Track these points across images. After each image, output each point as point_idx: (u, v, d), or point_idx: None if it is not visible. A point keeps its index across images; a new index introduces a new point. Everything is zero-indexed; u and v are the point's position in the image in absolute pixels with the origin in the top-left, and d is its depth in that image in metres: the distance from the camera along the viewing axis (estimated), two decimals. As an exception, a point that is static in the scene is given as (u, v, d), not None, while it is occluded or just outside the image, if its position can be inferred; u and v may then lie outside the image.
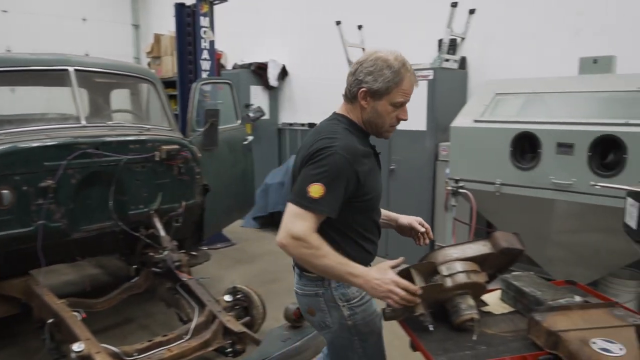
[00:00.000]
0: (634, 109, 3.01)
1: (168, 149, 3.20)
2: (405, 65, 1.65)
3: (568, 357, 1.33)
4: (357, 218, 1.72)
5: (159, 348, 2.52)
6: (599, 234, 3.21)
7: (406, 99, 1.68)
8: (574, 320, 1.44)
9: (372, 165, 1.73)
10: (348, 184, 1.60)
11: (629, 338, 1.37)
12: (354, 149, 1.62)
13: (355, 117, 1.73)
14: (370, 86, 1.64)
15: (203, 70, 5.04)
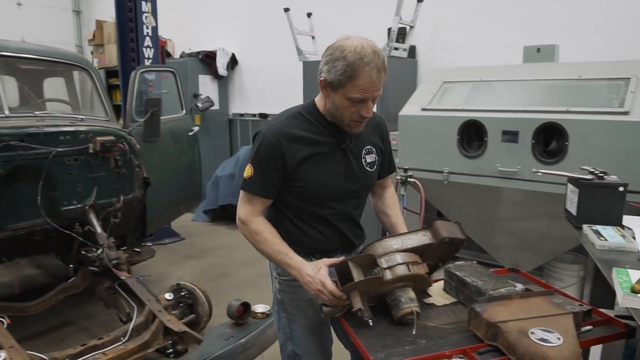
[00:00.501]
0: (575, 96, 3.06)
1: (103, 141, 3.01)
2: (364, 58, 1.47)
3: (507, 349, 1.30)
4: (296, 203, 1.69)
5: (93, 352, 2.36)
6: (543, 220, 3.26)
7: (364, 96, 1.52)
8: (513, 310, 1.41)
9: (317, 154, 1.63)
10: (276, 166, 1.60)
11: (566, 326, 1.35)
12: (283, 133, 1.60)
13: (323, 105, 1.65)
14: (325, 77, 1.54)
15: (146, 58, 4.81)
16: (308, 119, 1.66)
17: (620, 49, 3.78)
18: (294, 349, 1.81)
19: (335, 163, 1.67)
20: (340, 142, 1.68)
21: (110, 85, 7.14)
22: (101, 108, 3.52)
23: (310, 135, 1.63)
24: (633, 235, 1.87)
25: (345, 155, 1.69)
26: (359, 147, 1.73)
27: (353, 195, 1.75)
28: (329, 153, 1.66)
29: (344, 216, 1.75)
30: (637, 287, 1.34)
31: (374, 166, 1.78)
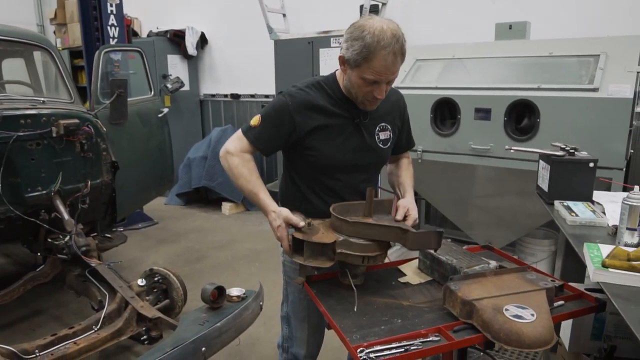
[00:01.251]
0: (546, 73, 3.08)
1: (67, 124, 2.88)
2: (381, 42, 1.47)
3: (482, 326, 1.30)
4: (306, 171, 1.74)
5: (64, 342, 2.29)
6: (515, 197, 3.31)
7: (378, 78, 1.54)
8: (487, 287, 1.42)
9: (330, 125, 1.67)
10: (282, 127, 1.64)
11: (540, 302, 1.37)
12: (301, 99, 1.65)
13: (341, 79, 1.69)
14: (344, 54, 1.57)
15: (111, 38, 4.63)
16: (326, 91, 1.69)
17: (590, 26, 3.82)
18: (287, 310, 1.90)
19: (348, 136, 1.70)
20: (355, 116, 1.70)
21: (75, 67, 6.88)
22: (65, 90, 3.38)
23: (327, 106, 1.67)
24: (603, 211, 1.90)
25: (358, 129, 1.71)
26: (373, 123, 1.75)
27: (363, 169, 1.77)
28: (342, 126, 1.69)
29: (352, 189, 1.76)
30: (608, 261, 1.35)
31: (387, 143, 1.79)
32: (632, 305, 1.22)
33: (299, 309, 1.85)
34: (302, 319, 1.86)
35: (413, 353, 1.25)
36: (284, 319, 1.93)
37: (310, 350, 1.91)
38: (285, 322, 1.92)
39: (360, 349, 1.24)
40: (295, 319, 1.87)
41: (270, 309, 3.18)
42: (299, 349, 1.89)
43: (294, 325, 1.88)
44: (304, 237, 1.49)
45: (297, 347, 1.90)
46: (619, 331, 1.95)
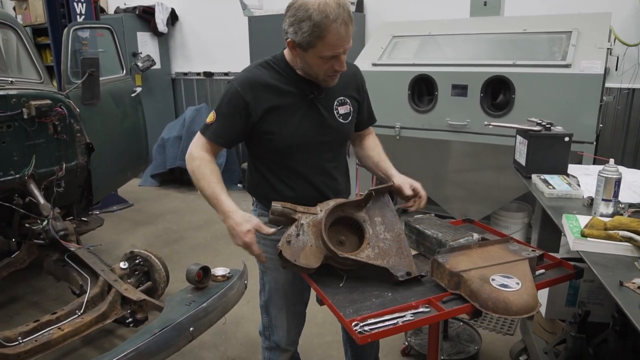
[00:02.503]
0: (521, 50, 3.14)
1: (38, 105, 2.79)
2: (329, 16, 1.41)
3: (470, 296, 1.36)
4: (267, 156, 1.70)
5: (47, 328, 2.27)
6: (491, 171, 3.39)
7: (335, 52, 1.48)
8: (473, 259, 1.47)
9: (284, 104, 1.61)
10: (237, 114, 1.60)
11: (523, 271, 1.43)
12: (250, 80, 1.60)
13: (292, 60, 1.62)
14: (293, 38, 1.49)
15: (77, 15, 4.45)
16: (276, 69, 1.63)
17: (561, 2, 3.88)
18: (265, 299, 1.88)
19: (304, 114, 1.64)
20: (309, 92, 1.63)
21: (38, 45, 6.61)
22: (33, 70, 3.25)
23: (278, 85, 1.61)
24: (578, 183, 1.97)
25: (314, 106, 1.65)
26: (330, 98, 1.68)
27: (325, 148, 1.71)
28: (296, 104, 1.63)
29: (318, 169, 1.70)
30: (586, 231, 1.42)
31: (348, 117, 1.73)
32: (609, 271, 1.29)
33: (276, 298, 1.83)
34: (280, 307, 1.84)
35: (405, 324, 1.29)
36: (263, 308, 1.90)
37: (291, 337, 1.90)
38: (264, 311, 1.90)
39: (355, 323, 1.28)
40: (274, 308, 1.85)
41: (253, 287, 3.20)
42: (280, 337, 1.88)
43: (273, 314, 1.87)
44: (290, 258, 1.47)
45: (277, 335, 1.88)
46: (592, 297, 2.06)
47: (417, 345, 2.63)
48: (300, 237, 1.53)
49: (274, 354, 1.94)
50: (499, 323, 2.94)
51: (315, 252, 1.52)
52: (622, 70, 3.71)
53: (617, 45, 3.62)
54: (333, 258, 1.52)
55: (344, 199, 1.64)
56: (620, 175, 1.60)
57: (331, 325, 2.87)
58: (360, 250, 1.54)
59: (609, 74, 3.35)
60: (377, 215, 1.62)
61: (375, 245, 1.55)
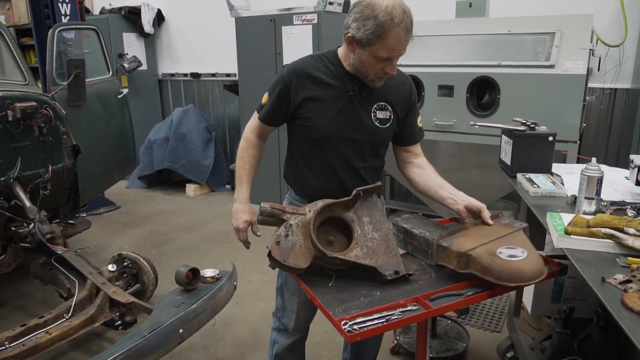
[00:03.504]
0: (505, 51, 3.18)
1: (23, 107, 2.76)
2: (394, 19, 1.47)
3: (482, 272, 1.40)
4: (301, 143, 1.78)
5: (35, 332, 2.25)
6: (477, 170, 3.43)
7: (391, 55, 1.54)
8: (475, 238, 1.52)
9: (325, 96, 1.67)
10: (282, 99, 1.71)
11: (523, 240, 1.50)
12: (297, 70, 1.70)
13: (344, 56, 1.68)
14: (354, 34, 1.55)
15: (62, 15, 4.41)
16: (325, 63, 1.71)
17: (545, 3, 3.94)
18: (281, 282, 1.94)
19: (341, 109, 1.69)
20: (350, 89, 1.68)
21: (22, 45, 6.53)
22: (17, 71, 3.22)
23: (321, 77, 1.68)
24: (562, 182, 2.01)
25: (352, 103, 1.69)
26: (371, 100, 1.71)
27: (357, 146, 1.74)
28: (335, 98, 1.68)
29: (346, 165, 1.74)
30: (570, 229, 1.45)
31: (385, 123, 1.74)
32: (592, 268, 1.32)
33: (291, 283, 1.88)
34: (293, 292, 1.89)
35: (394, 322, 1.31)
36: (278, 290, 1.96)
37: (299, 324, 1.94)
38: (279, 293, 1.96)
39: (344, 322, 1.29)
40: (288, 292, 1.91)
41: (242, 289, 3.22)
42: (289, 321, 1.93)
43: (286, 297, 1.92)
44: (279, 258, 1.49)
45: (287, 319, 1.94)
46: (576, 293, 2.10)
47: (406, 343, 2.65)
48: (289, 238, 1.54)
49: (280, 335, 2.00)
50: (487, 320, 2.97)
51: (304, 252, 1.53)
52: (605, 71, 3.78)
53: (600, 46, 3.69)
54: (322, 258, 1.53)
55: (334, 199, 1.65)
56: (602, 173, 1.64)
57: (320, 325, 2.88)
58: (348, 250, 1.56)
59: (592, 74, 3.41)
60: (365, 215, 1.64)
61: (363, 245, 1.57)
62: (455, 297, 1.41)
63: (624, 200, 1.79)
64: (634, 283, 1.20)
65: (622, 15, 3.66)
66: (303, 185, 1.79)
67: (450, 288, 1.46)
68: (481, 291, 1.43)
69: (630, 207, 1.68)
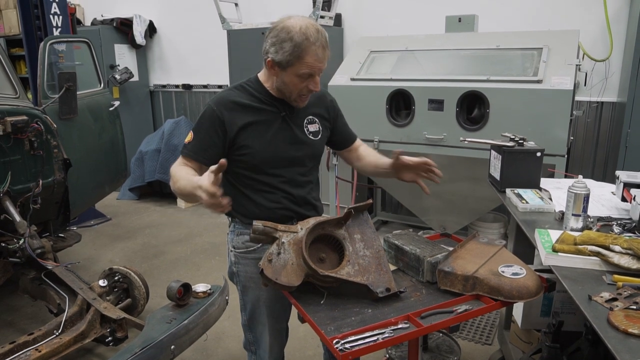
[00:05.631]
0: (494, 66, 3.23)
1: (14, 121, 2.76)
2: (309, 38, 1.55)
3: (490, 292, 1.45)
4: (243, 173, 1.74)
5: (24, 349, 2.23)
6: (467, 183, 3.46)
7: (312, 71, 1.61)
8: (470, 259, 1.56)
9: (258, 121, 1.69)
10: (215, 131, 1.67)
11: (513, 257, 1.57)
12: (225, 102, 1.68)
13: (267, 80, 1.72)
14: (273, 57, 1.60)
15: (54, 27, 4.41)
16: (249, 91, 1.73)
17: (533, 18, 4.01)
18: (246, 319, 1.91)
19: (277, 130, 1.72)
20: (281, 110, 1.73)
21: (12, 56, 6.50)
22: (8, 84, 3.20)
23: (252, 104, 1.70)
24: (550, 197, 2.04)
25: (286, 123, 1.74)
26: (300, 116, 1.78)
27: (297, 162, 1.78)
28: (269, 121, 1.72)
29: (292, 183, 1.78)
30: (557, 246, 1.47)
31: (317, 135, 1.82)
32: (579, 285, 1.34)
33: (258, 316, 1.86)
34: (263, 324, 1.87)
35: (386, 341, 1.32)
36: (245, 327, 1.94)
37: (274, 353, 1.92)
38: (246, 329, 1.93)
39: (336, 340, 1.30)
40: (258, 325, 1.88)
41: (234, 302, 3.20)
42: (264, 352, 1.91)
43: (257, 331, 1.90)
44: (271, 277, 1.50)
45: (262, 351, 1.91)
46: (565, 307, 2.13)
47: (398, 357, 2.66)
48: (282, 256, 1.55)
49: None
50: (478, 333, 2.99)
51: (297, 270, 1.54)
52: (591, 85, 3.85)
53: (586, 60, 3.76)
54: (314, 276, 1.54)
55: (325, 217, 1.67)
56: (588, 191, 1.67)
57: (312, 339, 2.88)
58: (340, 267, 1.57)
59: (579, 89, 3.47)
60: (356, 232, 1.65)
61: (355, 262, 1.58)
62: (446, 315, 1.43)
63: (611, 215, 1.82)
64: (620, 301, 1.22)
65: (607, 30, 3.74)
66: (253, 210, 1.74)
67: (441, 305, 1.48)
68: (471, 308, 1.45)
69: (616, 223, 1.71)
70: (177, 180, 1.61)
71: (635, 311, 1.18)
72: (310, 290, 1.58)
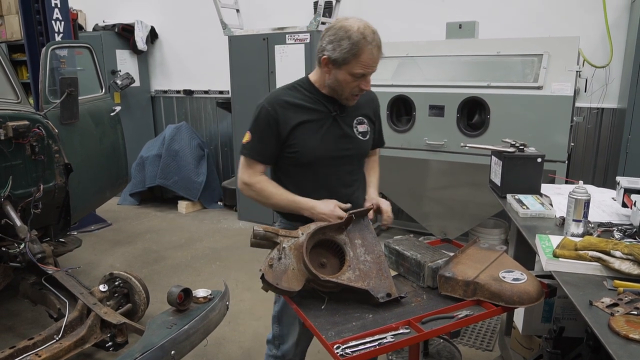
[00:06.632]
0: (495, 72, 3.24)
1: (15, 126, 2.76)
2: (366, 37, 1.61)
3: (491, 298, 1.45)
4: (292, 170, 1.81)
5: (24, 354, 2.23)
6: (468, 188, 3.47)
7: (366, 71, 1.66)
8: (471, 265, 1.56)
9: (310, 120, 1.75)
10: (272, 132, 1.74)
11: (514, 263, 1.56)
12: (278, 101, 1.75)
13: (318, 80, 1.77)
14: (329, 55, 1.65)
15: (56, 33, 4.43)
16: (301, 91, 1.79)
17: (532, 24, 4.02)
18: (278, 310, 1.95)
19: (327, 129, 1.78)
20: (332, 110, 1.78)
21: (14, 61, 6.53)
22: (10, 89, 3.22)
23: (303, 104, 1.76)
24: (550, 203, 2.04)
25: (336, 122, 1.80)
26: (350, 116, 1.84)
27: (346, 161, 1.84)
28: (321, 120, 1.78)
29: (340, 182, 1.84)
30: (558, 252, 1.48)
31: (366, 135, 1.88)
32: (580, 291, 1.34)
33: (290, 310, 1.86)
34: (292, 320, 1.90)
35: (386, 346, 1.32)
36: (275, 318, 1.97)
37: (300, 348, 1.96)
38: (276, 321, 1.97)
39: (337, 346, 1.30)
40: (287, 319, 1.92)
41: (234, 308, 3.20)
42: (290, 347, 1.94)
43: (285, 324, 1.93)
44: (272, 281, 1.51)
45: (288, 345, 1.95)
46: (566, 313, 2.12)
47: (399, 363, 2.65)
48: (282, 261, 1.55)
49: None
50: (478, 339, 2.98)
51: (297, 275, 1.54)
52: (591, 91, 3.86)
53: (586, 67, 3.77)
54: (315, 281, 1.54)
55: (325, 222, 1.67)
56: (589, 196, 1.67)
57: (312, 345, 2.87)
58: (341, 272, 1.57)
59: (579, 95, 3.48)
60: (357, 237, 1.66)
61: (355, 268, 1.58)
62: (447, 320, 1.43)
63: (611, 221, 1.82)
64: (621, 306, 1.22)
65: (607, 37, 3.76)
66: None
67: (442, 311, 1.47)
68: (472, 314, 1.45)
69: (616, 228, 1.71)
70: (270, 196, 1.77)
71: (636, 317, 1.18)
72: (311, 296, 1.58)
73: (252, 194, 1.80)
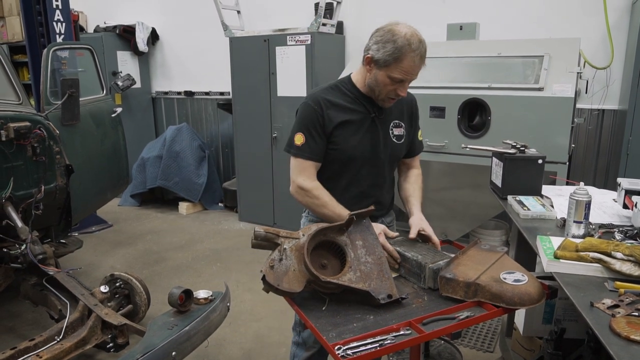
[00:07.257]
0: (496, 73, 3.25)
1: (17, 127, 2.76)
2: (411, 45, 1.63)
3: (492, 299, 1.45)
4: (325, 165, 1.85)
5: (25, 355, 2.22)
6: (469, 190, 3.47)
7: (405, 77, 1.69)
8: (472, 266, 1.55)
9: (351, 120, 1.80)
10: (319, 130, 1.78)
11: (513, 264, 1.56)
12: (322, 100, 1.79)
13: (360, 78, 1.82)
14: (373, 54, 1.70)
15: (57, 34, 4.44)
16: (343, 90, 1.84)
17: (533, 25, 4.03)
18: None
19: (366, 130, 1.83)
20: (371, 112, 1.83)
21: (15, 62, 6.54)
22: (11, 90, 3.22)
23: (345, 104, 1.81)
24: (551, 204, 2.04)
25: (374, 124, 1.84)
26: (387, 119, 1.88)
27: (379, 163, 1.89)
28: (361, 120, 1.83)
29: (370, 181, 1.89)
30: (559, 253, 1.48)
31: (401, 139, 1.92)
32: (581, 292, 1.34)
33: None
34: None
35: (387, 347, 1.32)
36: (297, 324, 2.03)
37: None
38: None
39: (338, 347, 1.30)
40: None
41: (235, 309, 3.20)
42: (309, 334, 1.97)
43: None
44: (273, 283, 1.51)
45: (307, 332, 1.99)
46: (567, 314, 2.12)
47: (399, 364, 2.65)
48: (283, 262, 1.55)
49: (300, 349, 2.07)
50: (479, 340, 2.98)
51: (298, 276, 1.54)
52: (592, 92, 3.87)
53: (587, 68, 3.77)
54: (316, 282, 1.54)
55: (327, 223, 1.67)
56: (590, 198, 1.67)
57: (314, 346, 2.87)
58: (342, 273, 1.57)
59: (580, 96, 3.48)
60: (358, 238, 1.65)
61: (356, 269, 1.58)
62: (448, 321, 1.43)
63: (612, 222, 1.82)
64: (622, 308, 1.22)
65: (608, 38, 3.76)
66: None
67: (443, 312, 1.47)
68: (473, 315, 1.45)
69: (617, 230, 1.71)
70: (324, 205, 1.78)
71: (638, 318, 1.18)
72: (312, 297, 1.58)
73: (308, 200, 1.82)
